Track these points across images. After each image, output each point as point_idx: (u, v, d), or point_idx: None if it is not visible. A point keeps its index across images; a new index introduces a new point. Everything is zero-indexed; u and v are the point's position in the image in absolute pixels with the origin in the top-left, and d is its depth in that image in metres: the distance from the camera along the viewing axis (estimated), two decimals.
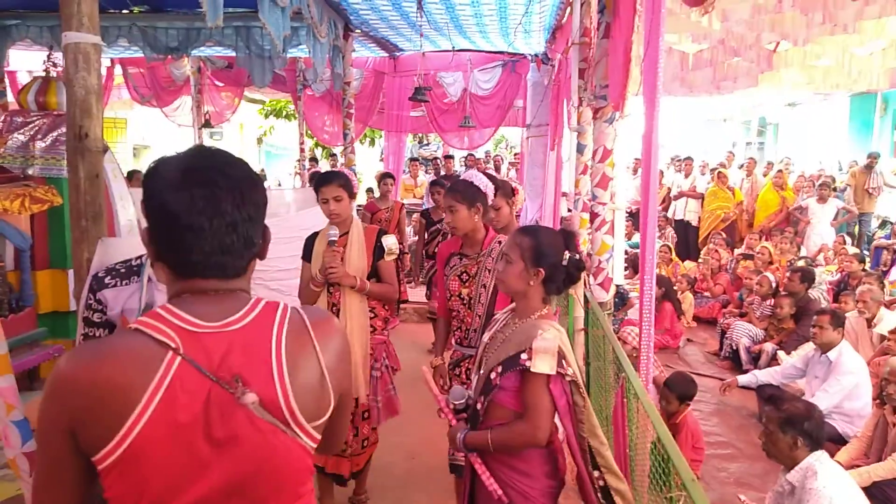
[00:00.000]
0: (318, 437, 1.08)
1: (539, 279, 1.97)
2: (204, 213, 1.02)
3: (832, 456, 3.04)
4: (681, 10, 5.68)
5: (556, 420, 1.97)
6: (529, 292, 1.99)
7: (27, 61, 7.81)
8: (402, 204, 6.88)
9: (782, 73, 7.85)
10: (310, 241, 3.12)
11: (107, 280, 2.04)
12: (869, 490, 3.23)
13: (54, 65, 5.15)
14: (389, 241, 3.08)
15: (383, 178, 6.85)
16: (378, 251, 3.07)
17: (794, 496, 2.70)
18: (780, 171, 10.21)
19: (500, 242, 2.85)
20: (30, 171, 4.45)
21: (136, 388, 0.95)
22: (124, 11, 5.65)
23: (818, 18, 5.88)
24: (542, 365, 1.85)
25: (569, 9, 5.14)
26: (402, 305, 6.79)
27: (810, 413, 2.73)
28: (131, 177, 6.16)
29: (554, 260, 1.97)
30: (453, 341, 3.02)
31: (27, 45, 6.05)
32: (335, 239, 2.94)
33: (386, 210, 6.54)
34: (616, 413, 2.77)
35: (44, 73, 5.01)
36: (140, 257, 2.08)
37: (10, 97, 7.02)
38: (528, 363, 1.85)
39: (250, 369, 1.01)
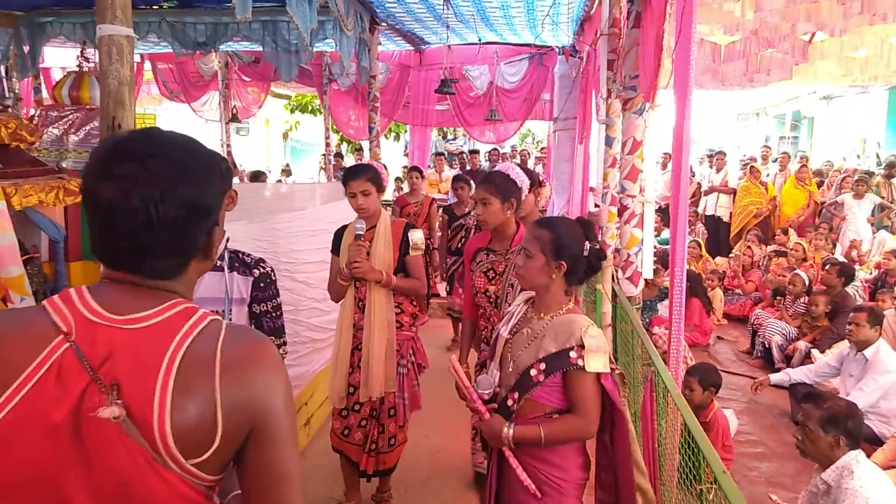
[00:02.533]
0: (207, 474, 0.92)
1: (561, 272, 1.95)
2: (112, 208, 0.93)
3: (868, 457, 2.95)
4: (713, 0, 5.56)
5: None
6: (552, 286, 1.97)
7: (59, 58, 7.98)
8: (433, 198, 6.86)
9: (818, 65, 7.63)
10: (338, 235, 3.09)
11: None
12: None
13: (86, 60, 5.26)
14: (416, 236, 3.03)
15: (411, 171, 6.85)
16: (405, 245, 3.02)
17: (829, 496, 2.63)
18: (802, 165, 9.95)
19: None
20: (64, 164, 4.54)
21: (12, 367, 0.88)
22: (154, 7, 5.73)
23: (856, 7, 5.69)
24: (597, 363, 1.85)
25: None
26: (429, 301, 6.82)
27: (852, 411, 2.66)
28: None
29: (575, 251, 1.95)
30: (482, 340, 2.94)
31: (60, 42, 6.17)
32: (361, 233, 2.90)
33: (415, 204, 6.55)
34: (645, 408, 2.73)
35: (77, 69, 5.11)
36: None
37: (45, 93, 7.19)
38: (579, 362, 1.85)
39: (132, 377, 0.89)
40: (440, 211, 6.69)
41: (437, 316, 6.95)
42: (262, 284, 2.13)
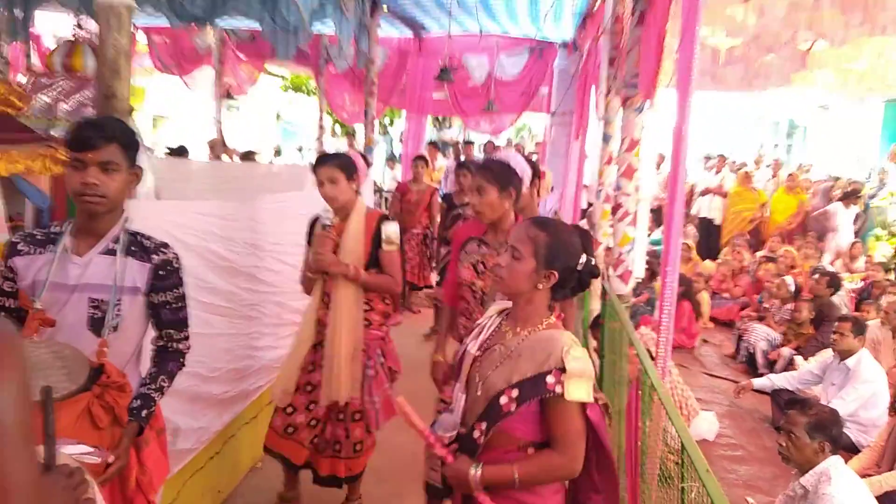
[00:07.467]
0: None
1: (549, 283, 1.69)
2: None
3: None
4: (716, 2, 5.56)
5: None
6: (535, 297, 1.71)
7: (50, 24, 7.83)
8: (435, 189, 6.71)
9: (815, 73, 7.67)
10: (312, 225, 2.93)
11: (20, 247, 1.81)
12: (880, 500, 3.18)
13: (80, 27, 5.16)
14: (390, 229, 2.85)
15: (416, 160, 6.74)
16: (377, 239, 2.85)
17: (806, 500, 2.67)
18: (791, 173, 10.04)
19: None
20: (53, 133, 4.46)
21: None
22: None
23: (857, 18, 5.73)
24: (578, 391, 1.58)
25: None
26: (417, 291, 6.75)
27: (836, 418, 2.71)
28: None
29: (570, 262, 1.70)
30: (462, 333, 2.77)
31: (54, 8, 6.04)
32: (328, 223, 2.77)
33: (416, 192, 6.44)
34: (629, 407, 2.74)
35: (72, 38, 5.02)
36: (61, 224, 1.85)
37: (35, 59, 7.06)
38: (557, 388, 1.57)
39: None
40: (440, 200, 6.59)
41: (422, 306, 6.93)
42: (161, 272, 1.85)
